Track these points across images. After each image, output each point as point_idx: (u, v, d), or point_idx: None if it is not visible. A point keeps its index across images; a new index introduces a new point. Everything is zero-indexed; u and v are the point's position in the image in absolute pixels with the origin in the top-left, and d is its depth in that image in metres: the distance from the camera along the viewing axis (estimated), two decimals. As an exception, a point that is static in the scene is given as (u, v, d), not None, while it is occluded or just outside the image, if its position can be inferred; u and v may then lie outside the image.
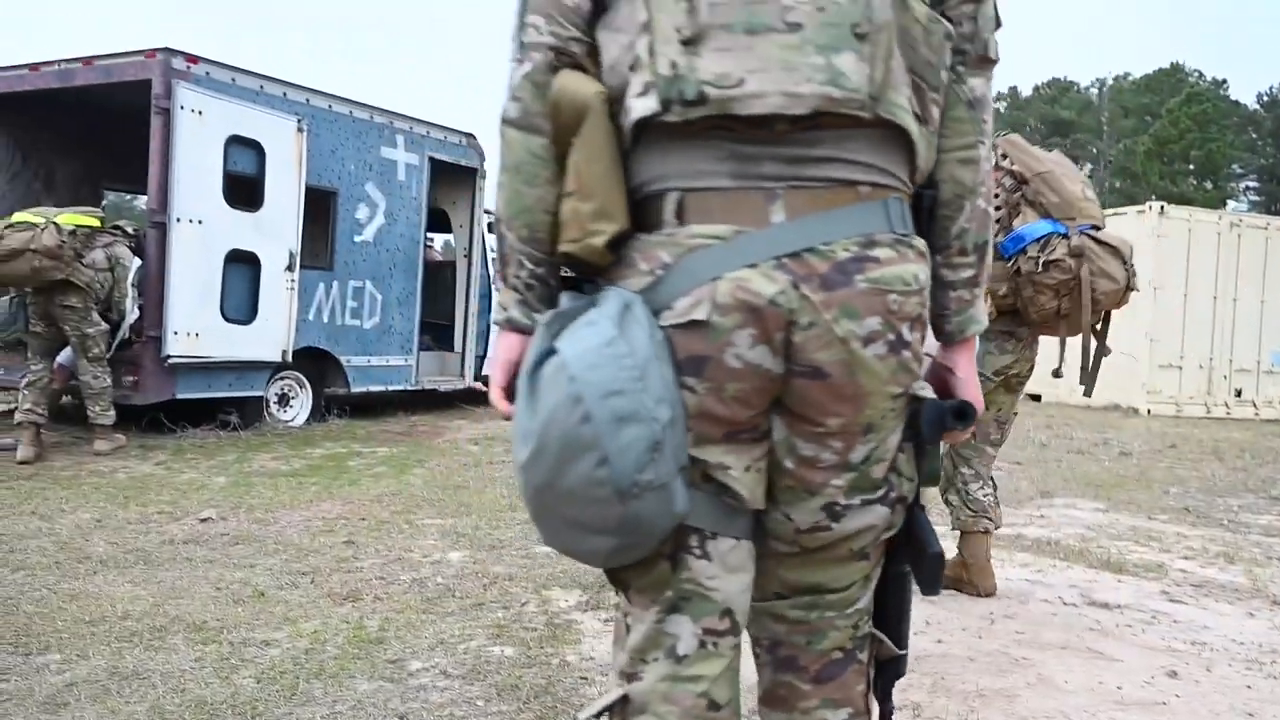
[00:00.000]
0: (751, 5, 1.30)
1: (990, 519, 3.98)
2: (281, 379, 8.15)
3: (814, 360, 1.32)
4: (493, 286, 9.54)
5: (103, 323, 6.65)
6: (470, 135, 9.77)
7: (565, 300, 1.41)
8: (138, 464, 6.44)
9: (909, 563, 1.58)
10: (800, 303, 1.29)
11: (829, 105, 1.29)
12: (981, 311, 1.53)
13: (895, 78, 1.33)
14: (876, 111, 1.31)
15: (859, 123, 1.32)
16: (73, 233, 6.34)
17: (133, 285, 6.84)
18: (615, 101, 1.35)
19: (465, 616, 3.63)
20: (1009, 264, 3.86)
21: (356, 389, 8.74)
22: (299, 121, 7.84)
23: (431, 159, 9.25)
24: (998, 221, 3.94)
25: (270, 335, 7.69)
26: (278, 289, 7.72)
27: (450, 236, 10.95)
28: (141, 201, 17.92)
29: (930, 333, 1.48)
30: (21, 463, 6.23)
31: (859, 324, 1.31)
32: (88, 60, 7.43)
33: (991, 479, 4.12)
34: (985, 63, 1.46)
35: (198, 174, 7.12)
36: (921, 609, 3.85)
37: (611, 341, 1.26)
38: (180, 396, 7.29)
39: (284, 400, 8.25)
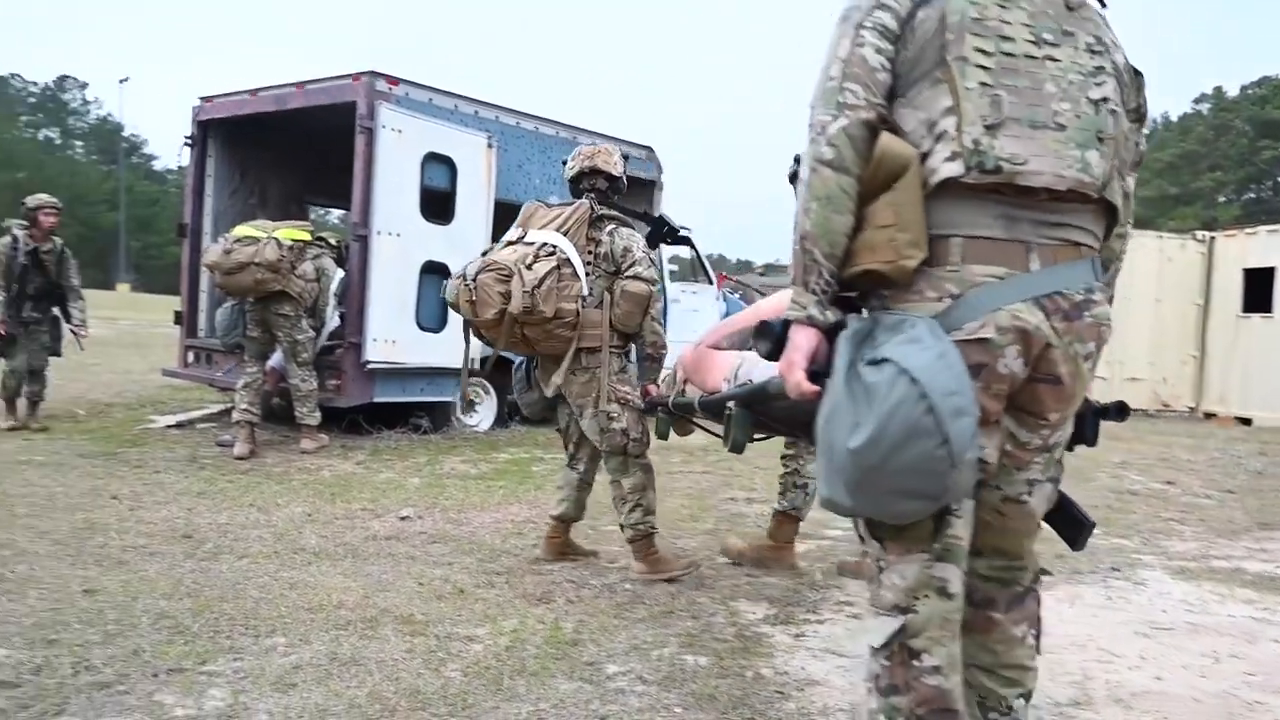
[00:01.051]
0: (1034, 107, 1.84)
1: (808, 508, 4.56)
2: (469, 385, 8.47)
3: (1056, 371, 1.90)
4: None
5: (311, 330, 7.11)
6: (649, 148, 9.91)
7: (852, 321, 1.89)
8: (340, 462, 6.82)
9: (1065, 531, 2.18)
10: (1050, 331, 1.85)
11: (1079, 186, 1.86)
12: None
13: (1115, 171, 1.91)
14: (1102, 194, 1.90)
15: (1088, 200, 1.90)
16: (290, 247, 6.81)
17: (334, 295, 7.27)
18: (922, 162, 1.86)
19: (656, 624, 3.68)
20: None
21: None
22: (489, 138, 8.15)
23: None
24: None
25: (460, 343, 8.00)
26: (467, 299, 8.03)
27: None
28: (335, 215, 18.99)
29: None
30: (238, 458, 6.71)
31: (1084, 346, 1.91)
32: (300, 85, 7.96)
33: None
34: (1138, 165, 2.11)
35: (397, 189, 7.50)
36: (1135, 643, 3.67)
37: (943, 355, 1.73)
38: (378, 400, 7.68)
39: (470, 405, 8.58)
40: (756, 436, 3.42)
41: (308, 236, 7.15)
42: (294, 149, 9.41)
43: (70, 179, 62.85)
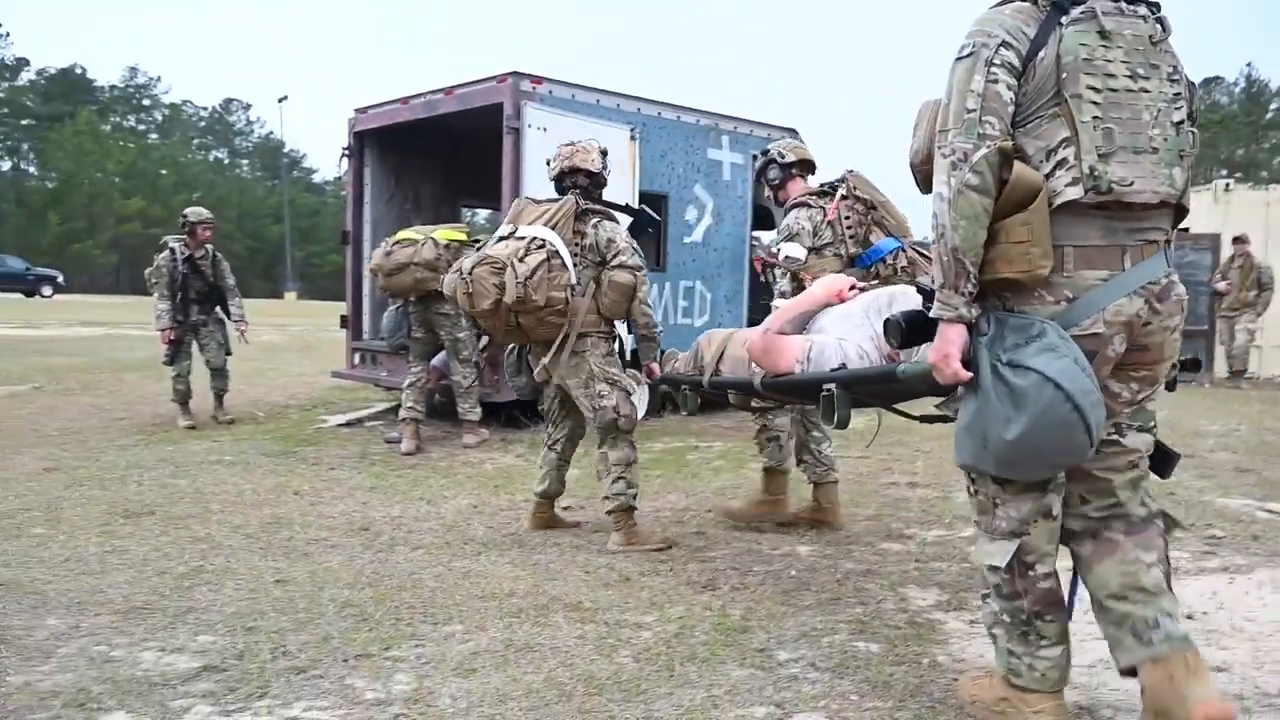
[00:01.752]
0: (1135, 135, 2.25)
1: (835, 470, 4.95)
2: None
3: (1147, 341, 2.37)
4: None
5: (471, 328, 7.32)
6: (793, 130, 9.77)
7: (987, 331, 2.33)
8: (500, 456, 7.01)
9: (1156, 465, 2.58)
10: (1148, 312, 2.33)
11: (1167, 199, 2.31)
12: None
13: (1184, 179, 2.33)
14: (1180, 202, 2.35)
15: (1169, 206, 2.34)
16: (447, 246, 7.02)
17: (493, 292, 7.45)
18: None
19: (824, 610, 3.63)
20: (869, 271, 4.66)
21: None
22: (632, 130, 8.19)
23: (755, 156, 9.34)
24: (853, 238, 4.75)
25: (611, 335, 8.11)
26: (616, 291, 8.11)
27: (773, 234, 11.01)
28: (481, 216, 19.50)
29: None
30: (405, 454, 6.97)
31: (1173, 320, 2.38)
32: (449, 90, 8.19)
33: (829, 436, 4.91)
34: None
35: (544, 187, 7.62)
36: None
37: (1078, 360, 2.22)
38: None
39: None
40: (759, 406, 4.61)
41: (463, 236, 7.36)
42: (443, 153, 9.72)
43: (239, 196, 66.78)
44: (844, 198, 4.76)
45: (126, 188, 60.66)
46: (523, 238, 4.32)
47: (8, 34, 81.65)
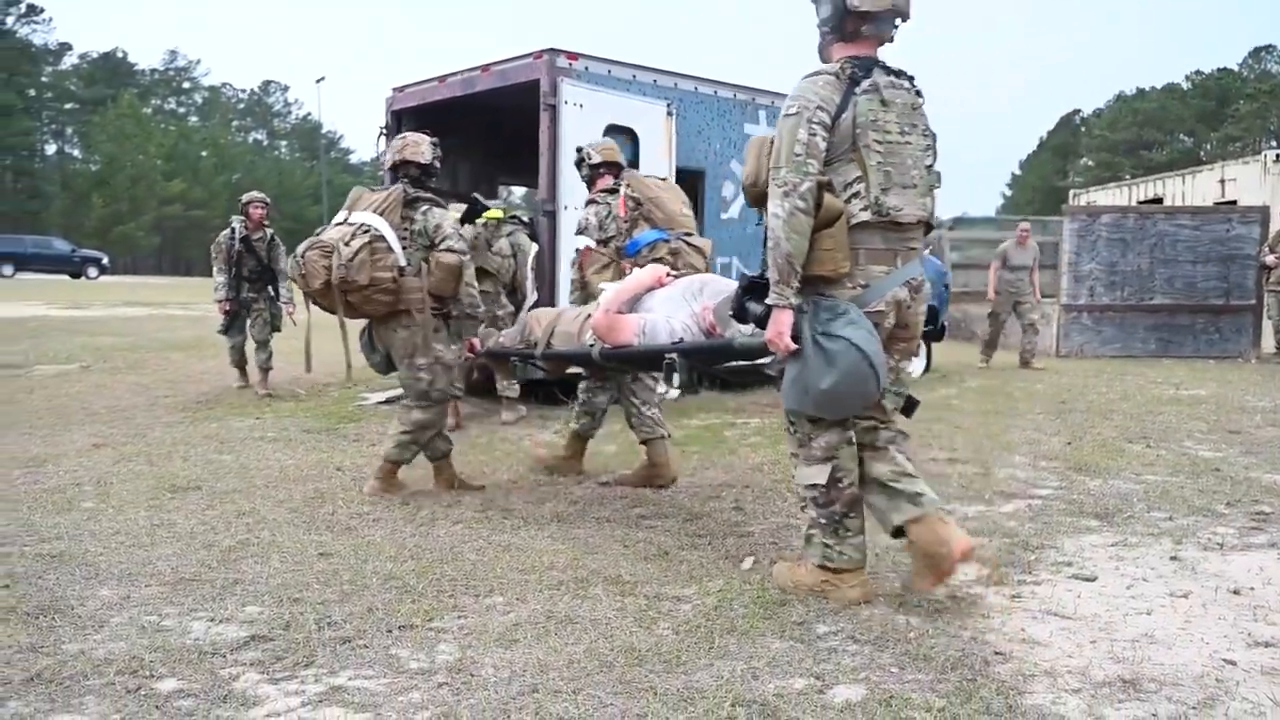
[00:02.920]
0: (903, 175, 3.18)
1: (664, 427, 5.37)
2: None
3: (909, 320, 3.36)
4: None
5: (509, 304, 7.36)
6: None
7: (809, 309, 3.19)
8: (538, 432, 7.05)
9: (906, 409, 3.60)
10: (910, 299, 3.30)
11: (923, 219, 3.30)
12: None
13: (932, 204, 3.30)
14: (929, 221, 3.33)
15: (923, 224, 3.31)
16: (484, 224, 7.05)
17: (531, 269, 7.48)
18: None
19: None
20: (634, 259, 5.15)
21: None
22: (668, 105, 8.17)
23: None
24: (626, 232, 5.29)
25: (647, 312, 8.10)
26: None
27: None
28: (518, 194, 19.50)
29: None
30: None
31: (921, 307, 3.36)
32: (485, 68, 8.20)
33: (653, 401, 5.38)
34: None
35: (581, 163, 7.63)
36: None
37: (870, 330, 3.12)
38: (571, 372, 7.86)
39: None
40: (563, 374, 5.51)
41: (500, 214, 7.39)
42: (481, 131, 9.73)
43: (278, 177, 67.45)
44: (628, 196, 5.30)
45: (168, 170, 61.49)
46: (352, 224, 4.72)
47: (50, 19, 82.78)
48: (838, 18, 3.24)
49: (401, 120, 9.23)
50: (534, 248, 7.56)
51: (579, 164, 5.71)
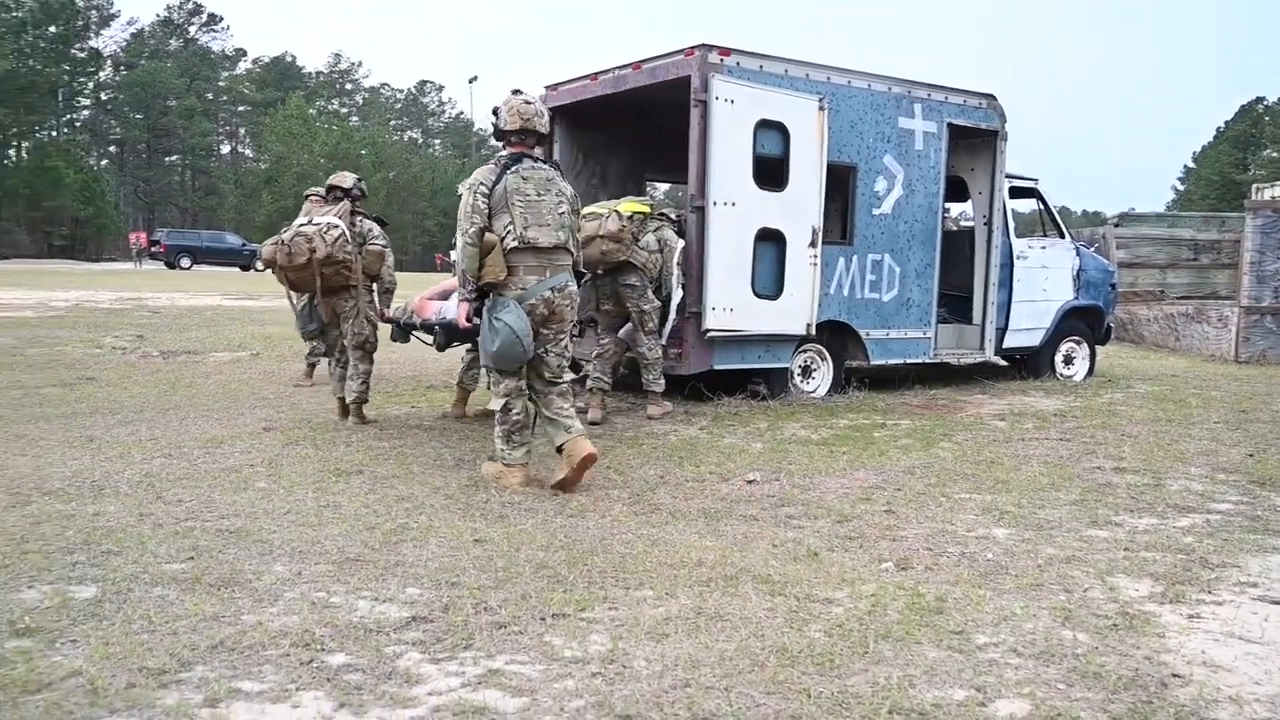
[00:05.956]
0: (540, 217, 5.09)
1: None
2: (804, 351, 8.45)
3: (558, 313, 5.19)
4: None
5: (655, 299, 7.39)
6: (990, 96, 9.34)
7: (487, 302, 5.10)
8: (684, 428, 7.06)
9: (574, 368, 6.18)
10: (556, 298, 5.15)
11: (558, 244, 5.16)
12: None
13: (570, 235, 5.25)
14: (568, 246, 5.23)
15: (561, 249, 5.19)
16: (630, 218, 7.10)
17: (678, 265, 7.50)
18: (501, 241, 5.03)
19: (1024, 595, 3.49)
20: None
21: (876, 361, 8.79)
22: (820, 100, 8.02)
23: (949, 125, 9.00)
24: None
25: (795, 310, 8.01)
26: (802, 265, 8.00)
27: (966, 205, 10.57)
28: (661, 190, 19.53)
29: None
30: (592, 424, 7.11)
31: (568, 303, 5.22)
32: (637, 65, 8.24)
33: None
34: (579, 230, 5.49)
35: (731, 159, 7.60)
36: None
37: (520, 317, 5.00)
38: (717, 367, 7.87)
39: (807, 372, 8.55)
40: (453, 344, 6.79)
41: (647, 209, 7.42)
42: (629, 128, 9.78)
43: (431, 174, 69.78)
44: None
45: (331, 168, 64.11)
46: (319, 224, 6.65)
47: (228, 27, 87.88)
48: (498, 134, 5.27)
49: (554, 118, 9.38)
50: (680, 243, 7.57)
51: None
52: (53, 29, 65.43)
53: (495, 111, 5.36)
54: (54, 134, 67.54)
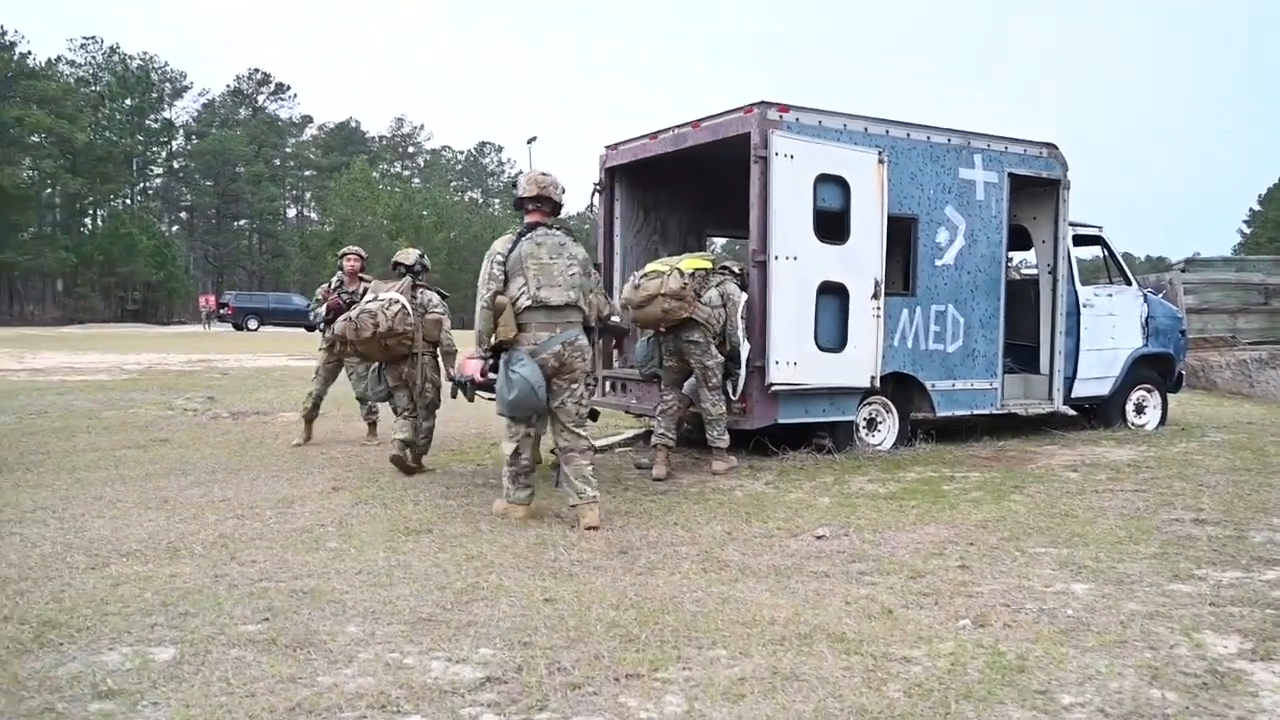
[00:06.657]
0: (551, 278, 5.70)
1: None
2: (869, 404, 8.39)
3: (568, 365, 5.74)
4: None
5: (719, 354, 7.40)
6: (1051, 145, 9.28)
7: (505, 356, 5.75)
8: (750, 483, 7.02)
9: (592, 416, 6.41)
10: (567, 352, 5.72)
11: (569, 303, 5.75)
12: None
13: (581, 294, 5.81)
14: (578, 304, 5.80)
15: (572, 307, 5.77)
16: (692, 275, 7.15)
17: (741, 319, 7.51)
18: (514, 303, 5.67)
19: (1108, 653, 3.40)
20: None
21: (942, 413, 8.68)
22: (879, 153, 8.05)
23: (1010, 174, 8.95)
24: None
25: (859, 362, 7.96)
26: (865, 317, 7.97)
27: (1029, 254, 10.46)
28: (719, 244, 19.67)
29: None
30: (656, 479, 7.12)
31: (577, 356, 5.77)
32: (696, 123, 8.36)
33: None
34: (594, 290, 6.21)
35: (792, 213, 7.64)
36: None
37: (534, 369, 5.60)
38: (782, 421, 7.83)
39: (872, 425, 8.47)
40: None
41: (709, 265, 7.47)
42: (688, 184, 9.89)
43: (491, 233, 70.79)
44: None
45: (393, 229, 65.70)
46: (383, 299, 7.23)
47: (295, 95, 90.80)
48: (517, 202, 6.03)
49: (615, 176, 9.54)
50: (743, 297, 7.59)
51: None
52: (129, 101, 68.44)
53: (514, 183, 6.12)
54: (128, 201, 70.29)
